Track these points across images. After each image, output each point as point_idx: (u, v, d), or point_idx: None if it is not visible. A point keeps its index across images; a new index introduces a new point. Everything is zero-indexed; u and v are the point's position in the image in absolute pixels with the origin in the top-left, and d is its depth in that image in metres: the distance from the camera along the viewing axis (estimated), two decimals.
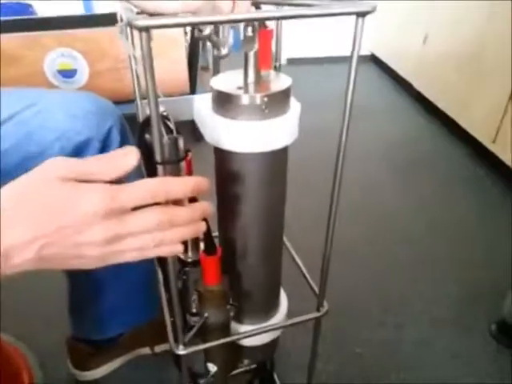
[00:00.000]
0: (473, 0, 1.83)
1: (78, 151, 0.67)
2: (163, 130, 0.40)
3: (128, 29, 0.48)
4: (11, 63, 1.51)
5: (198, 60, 1.70)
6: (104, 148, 0.69)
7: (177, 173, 0.41)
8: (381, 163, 1.86)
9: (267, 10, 0.39)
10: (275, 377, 0.93)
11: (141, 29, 0.33)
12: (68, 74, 1.59)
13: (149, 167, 0.53)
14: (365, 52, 2.97)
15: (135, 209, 0.35)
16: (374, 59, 2.96)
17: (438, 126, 2.17)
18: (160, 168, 0.40)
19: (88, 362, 0.96)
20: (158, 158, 0.39)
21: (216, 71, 0.56)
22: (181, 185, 0.37)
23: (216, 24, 0.40)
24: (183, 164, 0.42)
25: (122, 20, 0.45)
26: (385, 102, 2.51)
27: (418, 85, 2.37)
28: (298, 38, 2.87)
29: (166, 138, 0.40)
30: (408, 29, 2.48)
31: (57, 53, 1.54)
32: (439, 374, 1.00)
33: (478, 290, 1.22)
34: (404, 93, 2.57)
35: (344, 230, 0.53)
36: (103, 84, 1.60)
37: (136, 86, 0.52)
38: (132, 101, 0.66)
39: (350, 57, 0.41)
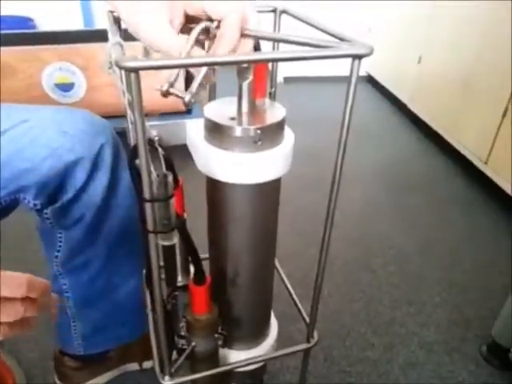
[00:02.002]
0: (465, 25, 1.85)
1: (68, 170, 0.66)
2: (152, 165, 0.38)
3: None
4: (9, 76, 1.50)
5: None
6: (94, 168, 0.68)
7: (166, 210, 0.40)
8: (374, 184, 1.86)
9: (264, 52, 0.38)
10: None
11: (130, 70, 0.32)
12: (66, 87, 1.58)
13: (139, 194, 0.52)
14: (361, 73, 2.97)
15: None
16: (371, 80, 2.96)
17: (433, 147, 2.17)
18: (148, 205, 0.38)
19: (74, 376, 0.94)
20: (146, 195, 0.38)
21: (212, 97, 0.55)
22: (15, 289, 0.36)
23: (211, 65, 0.39)
24: (173, 200, 0.41)
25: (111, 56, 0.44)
26: (380, 122, 2.50)
27: (413, 106, 2.39)
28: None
29: (154, 174, 0.39)
30: (403, 50, 2.50)
31: (55, 67, 1.53)
32: None
33: (468, 312, 1.21)
34: (399, 113, 2.57)
35: (334, 250, 0.52)
36: (100, 98, 1.59)
37: (128, 111, 0.51)
38: None
39: (346, 95, 0.40)
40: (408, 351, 1.09)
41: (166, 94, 0.42)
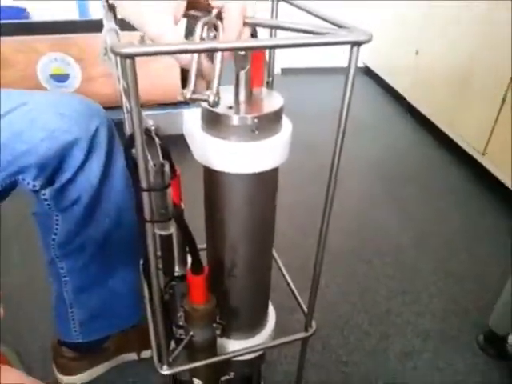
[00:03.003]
0: (462, 19, 1.85)
1: (66, 151, 0.66)
2: (148, 155, 0.38)
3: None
4: (4, 67, 1.49)
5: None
6: (90, 149, 0.68)
7: (163, 199, 0.40)
8: (371, 175, 1.85)
9: (261, 39, 0.37)
10: None
11: (125, 56, 0.31)
12: (61, 78, 1.57)
13: (136, 183, 0.52)
14: (359, 64, 2.96)
15: None
16: (368, 71, 2.95)
17: (430, 139, 2.17)
18: (145, 195, 0.38)
19: (73, 366, 0.95)
20: (143, 184, 0.38)
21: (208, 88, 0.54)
22: None
23: (210, 51, 0.38)
24: (170, 189, 0.41)
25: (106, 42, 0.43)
26: (377, 113, 2.50)
27: (410, 98, 2.38)
28: (293, 48, 2.85)
29: (151, 163, 0.38)
30: (400, 44, 2.50)
31: (50, 57, 1.52)
32: (426, 383, 1.00)
33: (465, 302, 1.22)
34: (396, 105, 2.56)
35: (331, 241, 0.52)
36: (96, 89, 1.59)
37: (124, 98, 0.50)
38: None
39: (345, 84, 0.40)
40: (404, 340, 1.10)
41: (190, 100, 0.42)
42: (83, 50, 1.54)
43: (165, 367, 0.54)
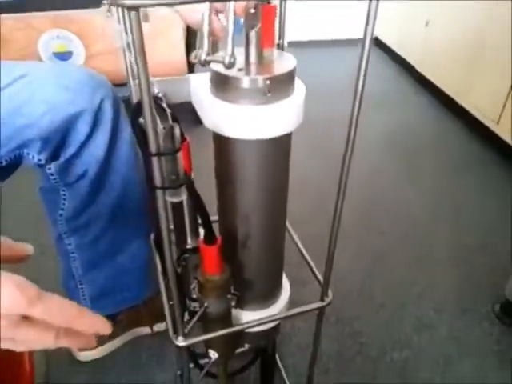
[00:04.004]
0: None
1: (70, 124, 0.65)
2: (157, 118, 0.36)
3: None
4: (4, 45, 1.46)
5: (196, 41, 1.63)
6: (96, 122, 0.67)
7: (173, 164, 0.38)
8: (384, 147, 1.82)
9: None
10: (277, 359, 0.93)
11: (129, 7, 0.29)
12: (64, 56, 1.54)
13: (145, 151, 0.50)
14: None
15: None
16: (378, 43, 2.88)
17: (442, 109, 2.12)
18: (154, 160, 0.37)
19: None
20: (152, 149, 0.36)
21: (215, 51, 0.52)
22: (89, 324, 0.35)
23: (214, 2, 0.36)
24: (180, 154, 0.39)
25: None
26: (389, 86, 2.44)
27: (421, 68, 2.32)
28: (298, 21, 2.78)
29: (160, 127, 0.37)
30: (411, 13, 2.42)
31: (51, 35, 1.49)
32: (442, 353, 1.00)
33: (480, 273, 1.20)
34: (408, 76, 2.51)
35: (344, 214, 0.50)
36: (100, 66, 1.53)
37: (128, 66, 0.49)
38: None
39: (363, 44, 0.37)
40: (419, 312, 1.09)
41: (204, 63, 0.41)
42: (84, 26, 1.51)
43: (180, 338, 0.53)
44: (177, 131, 0.38)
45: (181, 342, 0.53)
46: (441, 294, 1.14)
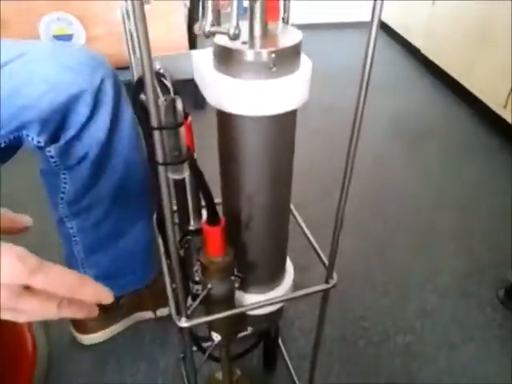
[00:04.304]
0: None
1: (70, 105, 0.63)
2: (159, 90, 0.35)
3: None
4: (4, 28, 1.44)
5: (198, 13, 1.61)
6: (96, 103, 0.65)
7: (175, 139, 0.37)
8: (387, 132, 1.80)
9: None
10: (280, 342, 0.93)
11: None
12: (64, 39, 1.52)
13: (146, 129, 0.49)
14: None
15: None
16: (382, 25, 2.83)
17: (448, 93, 2.09)
18: (156, 134, 0.35)
19: (89, 325, 0.96)
20: (153, 122, 0.35)
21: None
22: (91, 293, 0.34)
23: None
24: (182, 129, 0.38)
25: None
26: (393, 69, 2.41)
27: (426, 51, 2.28)
28: (304, 3, 2.75)
29: (162, 99, 0.35)
30: None
31: (51, 17, 1.46)
32: (445, 338, 0.99)
33: (484, 258, 1.20)
34: (413, 59, 2.47)
35: (350, 200, 0.49)
36: (100, 49, 1.51)
37: (128, 39, 0.47)
38: None
39: (370, 24, 0.36)
40: (423, 297, 1.09)
41: (208, 34, 0.41)
42: (84, 9, 1.48)
43: (183, 320, 0.52)
44: (179, 104, 0.36)
45: (183, 323, 0.53)
46: (444, 279, 1.14)
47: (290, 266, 0.68)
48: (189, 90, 0.58)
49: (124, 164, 0.74)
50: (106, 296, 0.36)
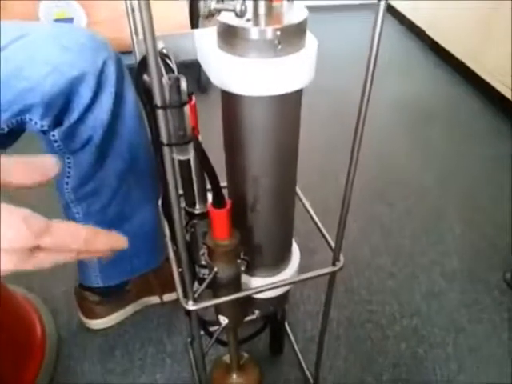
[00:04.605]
0: None
1: (73, 87, 0.63)
2: (163, 69, 0.34)
3: None
4: (4, 12, 1.42)
5: (198, 8, 1.60)
6: (99, 85, 0.64)
7: (180, 118, 0.37)
8: (393, 114, 1.78)
9: None
10: (287, 326, 0.93)
11: None
12: (65, 23, 1.50)
13: (149, 111, 0.49)
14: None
15: None
16: (388, 7, 2.79)
17: (454, 75, 2.06)
18: (160, 113, 0.35)
19: (97, 310, 0.96)
20: (157, 101, 0.34)
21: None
22: (105, 242, 0.34)
23: None
24: (187, 109, 0.37)
25: None
26: (398, 51, 2.37)
27: (432, 32, 2.24)
28: None
29: (165, 77, 0.35)
30: None
31: (52, 0, 1.44)
32: (453, 320, 0.99)
33: (492, 240, 1.19)
34: (419, 41, 2.43)
35: (355, 183, 0.49)
36: (102, 33, 1.50)
37: (130, 19, 0.46)
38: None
39: (377, 6, 0.35)
40: (430, 280, 1.08)
41: (214, 12, 0.40)
42: None
43: (190, 303, 0.52)
44: (183, 83, 0.36)
45: (191, 306, 0.52)
46: (451, 262, 1.13)
47: (296, 249, 0.68)
48: (191, 74, 0.57)
49: (128, 147, 0.74)
50: (120, 242, 0.36)
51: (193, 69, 0.52)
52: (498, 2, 1.66)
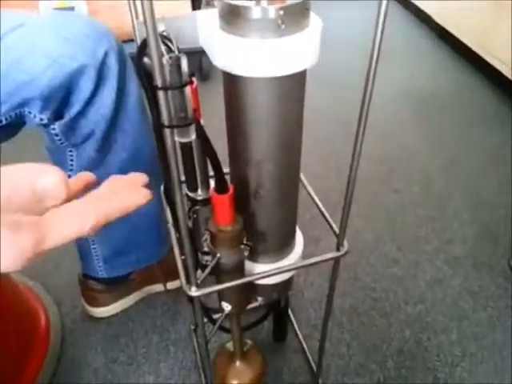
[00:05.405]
0: None
1: (73, 80, 0.61)
2: (163, 49, 0.33)
3: None
4: (3, 1, 1.40)
5: None
6: (100, 77, 0.63)
7: (181, 99, 0.36)
8: (400, 101, 1.76)
9: None
10: (290, 313, 0.93)
11: None
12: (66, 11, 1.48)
13: (150, 96, 0.48)
14: None
15: None
16: None
17: (461, 62, 2.03)
18: (161, 94, 0.34)
19: (101, 299, 0.96)
20: (158, 82, 0.33)
21: None
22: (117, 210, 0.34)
23: None
24: (188, 90, 0.36)
25: None
26: (405, 37, 2.34)
27: (439, 18, 2.21)
28: None
29: (166, 57, 0.34)
30: None
31: None
32: (457, 307, 0.99)
33: (496, 228, 1.18)
34: (425, 27, 2.40)
35: (359, 170, 0.48)
36: (103, 22, 1.49)
37: (131, 2, 0.45)
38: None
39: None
40: (434, 267, 1.08)
41: None
42: None
43: (193, 288, 0.52)
44: (184, 63, 0.35)
45: (194, 292, 0.52)
46: (456, 249, 1.12)
47: (299, 235, 0.67)
48: (193, 62, 0.56)
49: (132, 140, 0.73)
50: (141, 179, 0.37)
51: (194, 57, 0.51)
52: None
